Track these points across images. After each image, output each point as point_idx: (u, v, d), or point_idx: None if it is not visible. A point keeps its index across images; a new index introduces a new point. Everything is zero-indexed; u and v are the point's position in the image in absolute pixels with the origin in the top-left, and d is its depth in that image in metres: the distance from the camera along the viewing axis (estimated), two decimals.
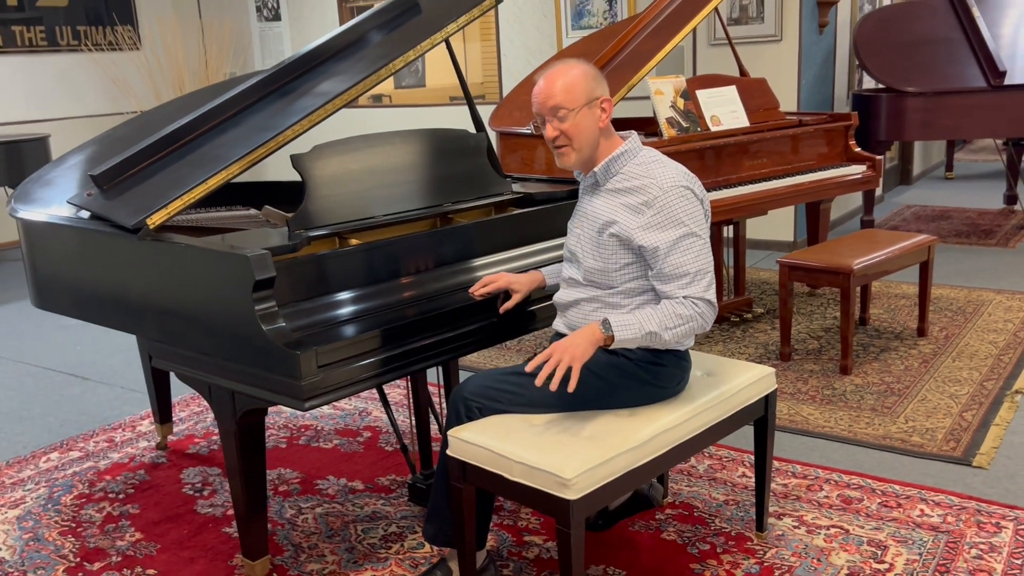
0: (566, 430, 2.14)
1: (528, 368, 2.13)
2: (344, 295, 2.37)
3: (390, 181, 2.73)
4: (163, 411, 3.41)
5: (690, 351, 2.43)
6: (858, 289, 4.49)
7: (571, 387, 2.05)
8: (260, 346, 2.12)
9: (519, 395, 2.24)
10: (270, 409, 3.55)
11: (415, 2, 3.17)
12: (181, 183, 2.44)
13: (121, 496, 3.08)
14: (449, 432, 2.21)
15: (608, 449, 2.04)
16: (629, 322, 2.14)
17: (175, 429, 3.61)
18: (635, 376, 2.25)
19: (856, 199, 6.71)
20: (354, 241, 2.60)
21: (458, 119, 5.05)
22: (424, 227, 2.80)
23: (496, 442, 2.10)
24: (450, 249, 2.61)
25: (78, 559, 2.69)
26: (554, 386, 2.04)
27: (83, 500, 3.07)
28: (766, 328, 4.46)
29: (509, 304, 2.43)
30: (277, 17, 8.09)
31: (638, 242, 2.20)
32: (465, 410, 2.25)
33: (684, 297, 2.19)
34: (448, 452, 2.20)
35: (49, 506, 3.04)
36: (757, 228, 6.01)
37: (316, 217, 2.52)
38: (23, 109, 7.54)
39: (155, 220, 2.36)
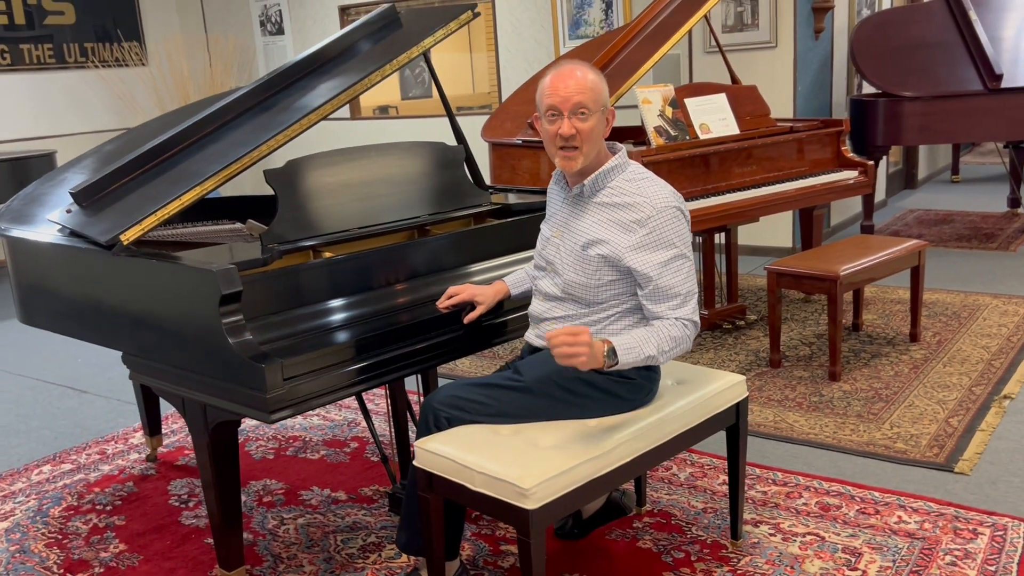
0: (530, 440, 2.16)
1: (547, 335, 2.07)
2: (313, 308, 2.39)
3: (365, 194, 2.76)
4: (152, 424, 3.45)
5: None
6: (850, 295, 4.49)
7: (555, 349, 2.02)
8: (227, 359, 2.15)
9: (488, 406, 2.25)
10: (259, 421, 3.59)
11: (396, 16, 3.22)
12: (156, 199, 2.48)
13: (108, 508, 3.12)
14: (416, 443, 2.23)
15: (568, 459, 2.06)
16: (631, 346, 2.11)
17: (167, 441, 3.66)
18: (603, 389, 2.26)
19: (857, 204, 6.69)
20: (328, 254, 2.63)
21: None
22: (399, 240, 2.82)
23: (460, 452, 2.12)
24: (420, 261, 2.64)
25: (62, 571, 2.73)
26: (556, 351, 2.02)
27: (71, 512, 3.11)
28: (758, 335, 4.45)
29: (473, 315, 2.45)
30: (280, 31, 8.17)
31: (628, 263, 2.20)
32: (434, 420, 2.26)
33: (676, 319, 2.19)
34: (414, 463, 2.22)
35: (38, 518, 3.08)
36: (755, 235, 6.01)
37: (288, 231, 2.56)
38: (31, 125, 7.65)
39: (129, 236, 2.40)
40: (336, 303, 2.43)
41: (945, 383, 3.71)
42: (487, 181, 4.67)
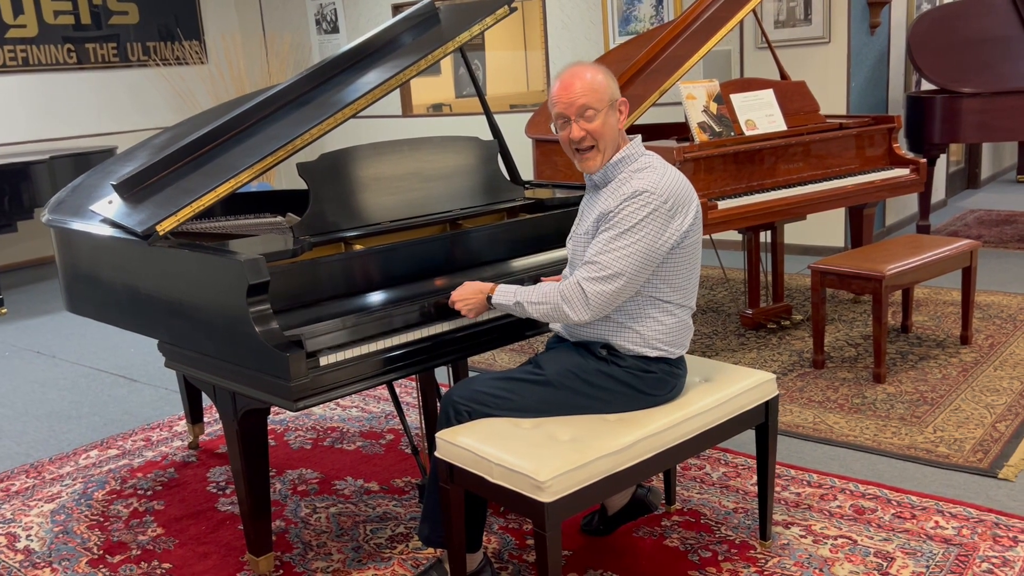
0: (549, 434, 2.15)
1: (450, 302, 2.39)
2: (341, 299, 2.42)
3: (397, 188, 2.78)
4: (194, 412, 3.53)
5: (686, 357, 2.42)
6: (898, 295, 4.38)
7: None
8: (254, 347, 2.19)
9: (508, 400, 2.26)
10: (298, 412, 3.65)
11: (434, 12, 3.23)
12: (192, 191, 2.54)
13: (149, 493, 3.21)
14: (437, 434, 2.24)
15: (586, 453, 2.05)
16: (508, 290, 2.30)
17: (209, 430, 3.74)
18: (624, 383, 2.25)
19: (914, 204, 6.53)
20: (359, 247, 2.66)
21: (517, 126, 5.09)
22: (432, 234, 2.84)
23: (479, 444, 2.12)
24: (449, 255, 2.65)
25: (101, 552, 2.81)
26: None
27: (114, 496, 3.20)
28: (803, 335, 4.37)
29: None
30: (335, 30, 8.28)
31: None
32: (455, 413, 2.27)
33: (576, 280, 2.17)
34: (436, 454, 2.24)
35: (82, 501, 3.18)
36: (806, 234, 5.91)
37: (320, 224, 2.59)
38: (96, 122, 7.88)
39: (164, 226, 2.46)
40: (364, 295, 2.46)
41: (995, 387, 3.60)
42: (531, 177, 4.68)
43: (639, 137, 2.33)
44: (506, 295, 2.30)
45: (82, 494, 3.23)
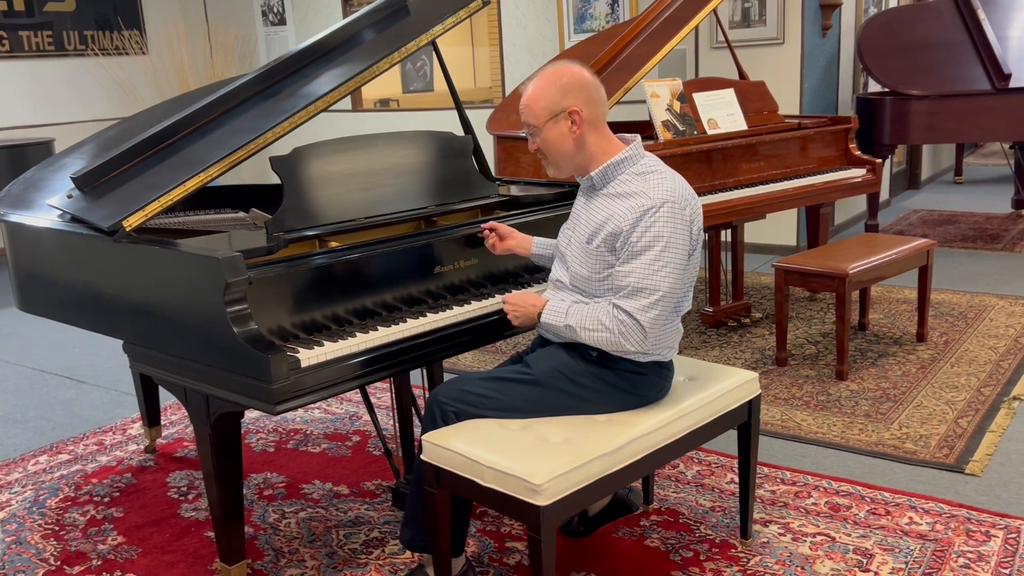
0: (540, 435, 2.11)
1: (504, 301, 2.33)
2: (319, 298, 2.34)
3: (372, 184, 2.71)
4: (151, 414, 3.40)
5: (674, 356, 2.40)
6: (856, 294, 4.45)
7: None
8: (231, 348, 2.10)
9: (495, 400, 2.21)
10: (260, 413, 3.55)
11: (403, 4, 3.16)
12: (159, 186, 2.44)
13: (106, 499, 3.07)
14: (423, 437, 2.18)
15: (580, 455, 2.01)
16: (559, 309, 2.21)
17: (165, 433, 3.61)
18: (614, 385, 2.22)
19: (861, 203, 6.66)
20: (334, 244, 2.58)
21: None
22: (407, 231, 2.77)
23: (469, 447, 2.07)
24: (429, 253, 2.58)
25: (59, 563, 2.68)
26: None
27: (68, 503, 3.06)
28: (764, 333, 4.41)
29: (498, 245, 2.58)
30: (282, 21, 8.11)
31: (619, 245, 2.16)
32: (441, 414, 2.22)
33: (614, 305, 2.13)
34: (422, 457, 2.18)
35: (34, 509, 3.03)
36: (760, 232, 5.97)
37: (294, 220, 2.51)
38: (30, 113, 7.59)
39: (131, 222, 2.35)
40: (343, 293, 2.38)
41: (953, 383, 3.68)
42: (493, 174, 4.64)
43: (639, 137, 2.29)
44: (556, 315, 2.20)
45: (33, 502, 3.09)
